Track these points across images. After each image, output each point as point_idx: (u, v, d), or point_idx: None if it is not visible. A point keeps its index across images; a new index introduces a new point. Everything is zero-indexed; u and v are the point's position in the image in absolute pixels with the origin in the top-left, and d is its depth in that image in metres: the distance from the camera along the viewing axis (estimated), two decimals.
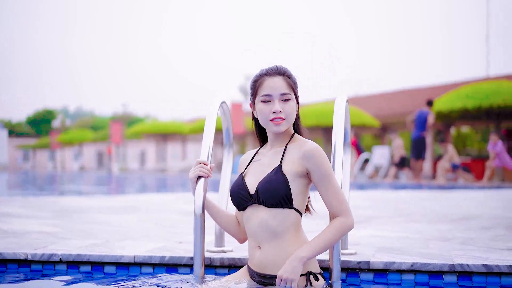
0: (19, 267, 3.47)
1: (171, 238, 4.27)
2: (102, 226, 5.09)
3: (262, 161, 2.99)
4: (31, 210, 6.55)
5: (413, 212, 6.92)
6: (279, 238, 2.84)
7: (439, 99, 20.98)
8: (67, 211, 6.49)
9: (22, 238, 4.10)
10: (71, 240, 4.05)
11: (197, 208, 3.03)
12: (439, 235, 4.61)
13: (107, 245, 3.84)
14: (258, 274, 2.91)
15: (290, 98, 2.91)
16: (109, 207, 7.20)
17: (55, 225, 5.09)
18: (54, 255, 3.45)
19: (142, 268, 3.42)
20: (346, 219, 2.83)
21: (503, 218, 6.14)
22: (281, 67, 2.98)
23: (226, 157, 3.82)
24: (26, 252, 3.47)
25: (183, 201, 8.80)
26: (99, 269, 3.44)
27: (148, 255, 3.41)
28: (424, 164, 23.50)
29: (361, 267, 3.27)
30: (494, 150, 17.71)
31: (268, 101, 2.92)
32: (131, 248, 3.68)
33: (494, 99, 19.01)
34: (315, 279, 2.87)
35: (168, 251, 3.56)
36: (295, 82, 2.99)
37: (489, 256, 3.43)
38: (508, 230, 4.98)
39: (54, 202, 8.16)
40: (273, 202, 2.82)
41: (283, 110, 2.89)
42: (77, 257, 3.44)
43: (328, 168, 2.84)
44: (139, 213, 6.45)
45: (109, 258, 3.42)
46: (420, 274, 3.21)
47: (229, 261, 3.39)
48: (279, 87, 2.90)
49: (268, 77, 2.94)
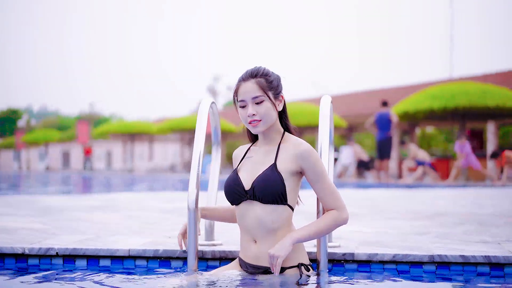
0: (16, 261, 3.59)
1: (158, 233, 4.41)
2: (88, 223, 5.20)
3: (255, 159, 3.15)
4: (11, 209, 6.60)
5: (387, 210, 7.14)
6: (274, 233, 3.02)
7: (406, 100, 21.32)
8: (48, 210, 6.56)
9: (14, 234, 4.20)
10: (62, 236, 4.16)
11: (190, 203, 3.21)
12: (416, 230, 4.83)
13: (99, 240, 3.96)
14: (252, 266, 3.08)
15: (263, 99, 3.03)
16: (88, 206, 7.28)
17: (42, 222, 5.18)
18: (51, 249, 3.57)
19: (136, 261, 3.56)
20: (341, 213, 3.02)
21: (472, 214, 6.40)
22: (254, 70, 3.10)
23: (215, 154, 3.97)
24: (23, 247, 3.58)
25: (159, 200, 8.91)
26: (95, 262, 3.57)
27: (142, 249, 3.56)
28: (390, 164, 23.88)
29: (346, 258, 3.46)
30: (462, 152, 18.11)
31: (244, 106, 3.07)
32: (123, 243, 3.81)
33: (459, 100, 19.40)
34: (306, 269, 3.06)
35: (160, 245, 3.70)
36: (271, 81, 3.08)
37: (464, 248, 3.65)
38: (479, 225, 5.22)
39: (31, 201, 8.20)
40: (269, 199, 2.98)
41: (257, 113, 3.03)
42: (73, 251, 3.56)
43: (323, 167, 3.03)
44: (120, 211, 6.55)
45: (104, 252, 3.56)
46: (401, 264, 3.41)
47: (220, 254, 3.55)
48: (250, 91, 3.04)
49: (242, 83, 3.08)
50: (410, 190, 13.16)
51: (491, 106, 19.27)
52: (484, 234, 4.51)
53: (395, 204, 8.18)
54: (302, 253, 3.11)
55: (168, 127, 34.70)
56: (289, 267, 3.03)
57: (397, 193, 11.50)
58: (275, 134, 3.15)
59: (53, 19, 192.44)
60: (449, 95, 19.85)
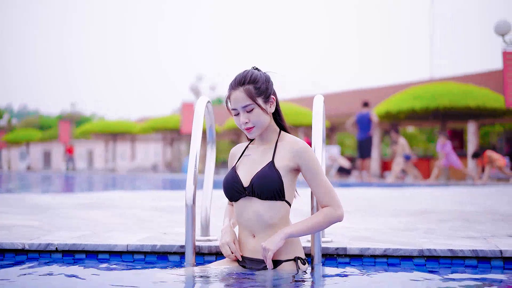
0: (16, 256, 3.67)
1: (152, 230, 4.49)
2: (82, 220, 5.27)
3: (253, 157, 3.25)
4: (1, 207, 6.66)
5: (373, 207, 7.28)
6: (272, 227, 3.12)
7: (388, 100, 21.53)
8: (38, 208, 6.61)
9: (12, 231, 4.27)
10: (59, 232, 4.23)
11: (188, 199, 3.33)
12: (403, 226, 4.96)
13: (96, 236, 4.05)
14: (251, 260, 3.18)
15: (253, 107, 3.12)
16: (78, 204, 7.34)
17: (37, 219, 5.25)
18: (51, 244, 3.65)
19: (135, 256, 3.65)
20: (336, 210, 3.12)
21: (457, 212, 6.54)
22: (242, 77, 3.17)
23: (210, 152, 4.07)
24: (23, 242, 3.66)
25: (147, 198, 8.98)
26: (93, 257, 3.66)
27: (140, 244, 3.65)
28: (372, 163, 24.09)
29: (338, 252, 3.57)
30: (443, 151, 18.34)
31: (237, 114, 3.17)
32: (120, 239, 3.89)
33: (441, 100, 19.64)
34: (302, 263, 3.18)
35: (157, 241, 3.80)
36: (259, 87, 3.15)
37: (452, 242, 3.78)
38: (464, 222, 5.36)
39: (19, 199, 8.25)
40: (267, 195, 3.09)
41: (249, 120, 3.13)
42: (72, 247, 3.65)
43: (318, 164, 3.15)
44: (111, 209, 6.62)
45: (103, 247, 3.65)
46: (392, 258, 3.53)
47: (217, 249, 3.65)
48: (240, 100, 3.12)
49: (232, 91, 3.16)
50: (392, 189, 13.33)
51: (472, 107, 19.52)
52: (470, 230, 4.65)
53: (379, 202, 8.32)
54: (298, 247, 3.22)
55: (150, 127, 34.72)
56: (286, 260, 3.14)
57: (379, 192, 11.64)
58: (272, 133, 3.25)
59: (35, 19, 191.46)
60: (430, 95, 20.08)
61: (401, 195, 10.40)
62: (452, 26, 64.15)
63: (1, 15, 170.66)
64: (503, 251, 3.45)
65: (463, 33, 65.41)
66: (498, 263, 3.45)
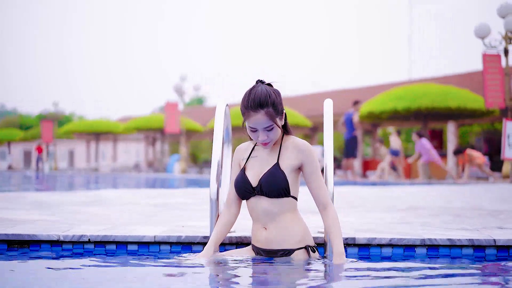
0: (52, 247, 3.97)
1: (168, 224, 4.80)
2: (94, 216, 5.50)
3: (260, 158, 3.62)
4: (6, 203, 6.86)
5: (364, 204, 7.65)
6: (281, 220, 3.53)
7: (371, 100, 21.96)
8: (43, 205, 6.80)
9: (36, 225, 4.54)
10: (81, 226, 4.51)
11: (212, 194, 3.71)
12: (398, 220, 5.33)
13: (118, 229, 4.34)
14: (264, 250, 3.56)
15: (273, 127, 3.48)
16: (80, 202, 7.52)
17: (50, 214, 5.52)
18: (84, 236, 3.96)
19: (161, 246, 3.98)
20: (333, 207, 3.53)
21: (445, 208, 6.94)
22: (262, 99, 3.42)
23: (226, 152, 4.40)
24: (58, 234, 3.96)
25: (142, 196, 9.18)
26: (123, 247, 3.98)
27: (166, 235, 3.97)
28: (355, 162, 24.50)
29: (348, 242, 3.92)
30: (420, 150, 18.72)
31: (255, 130, 3.50)
32: (143, 231, 4.21)
33: (422, 101, 20.10)
34: (312, 251, 3.56)
35: (180, 233, 4.12)
36: (277, 107, 3.47)
37: (448, 233, 4.16)
38: (455, 216, 5.74)
39: (20, 197, 8.29)
40: (275, 194, 3.50)
41: (268, 137, 3.50)
42: (104, 238, 3.96)
43: (318, 163, 3.56)
44: (114, 206, 6.83)
45: (132, 238, 3.96)
46: (396, 247, 3.90)
47: (237, 239, 4.00)
48: (262, 123, 3.44)
49: (252, 112, 3.44)
50: (376, 187, 13.71)
51: (453, 107, 20.02)
52: (462, 223, 5.03)
53: (367, 200, 8.68)
54: (308, 236, 3.61)
55: (134, 126, 34.88)
56: (297, 249, 3.51)
57: (365, 190, 12.00)
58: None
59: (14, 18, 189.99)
60: (412, 96, 20.54)
61: (389, 193, 10.78)
62: (429, 27, 64.73)
63: (1, 15, 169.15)
64: (496, 240, 3.84)
65: (441, 35, 66.12)
66: (492, 251, 3.84)
